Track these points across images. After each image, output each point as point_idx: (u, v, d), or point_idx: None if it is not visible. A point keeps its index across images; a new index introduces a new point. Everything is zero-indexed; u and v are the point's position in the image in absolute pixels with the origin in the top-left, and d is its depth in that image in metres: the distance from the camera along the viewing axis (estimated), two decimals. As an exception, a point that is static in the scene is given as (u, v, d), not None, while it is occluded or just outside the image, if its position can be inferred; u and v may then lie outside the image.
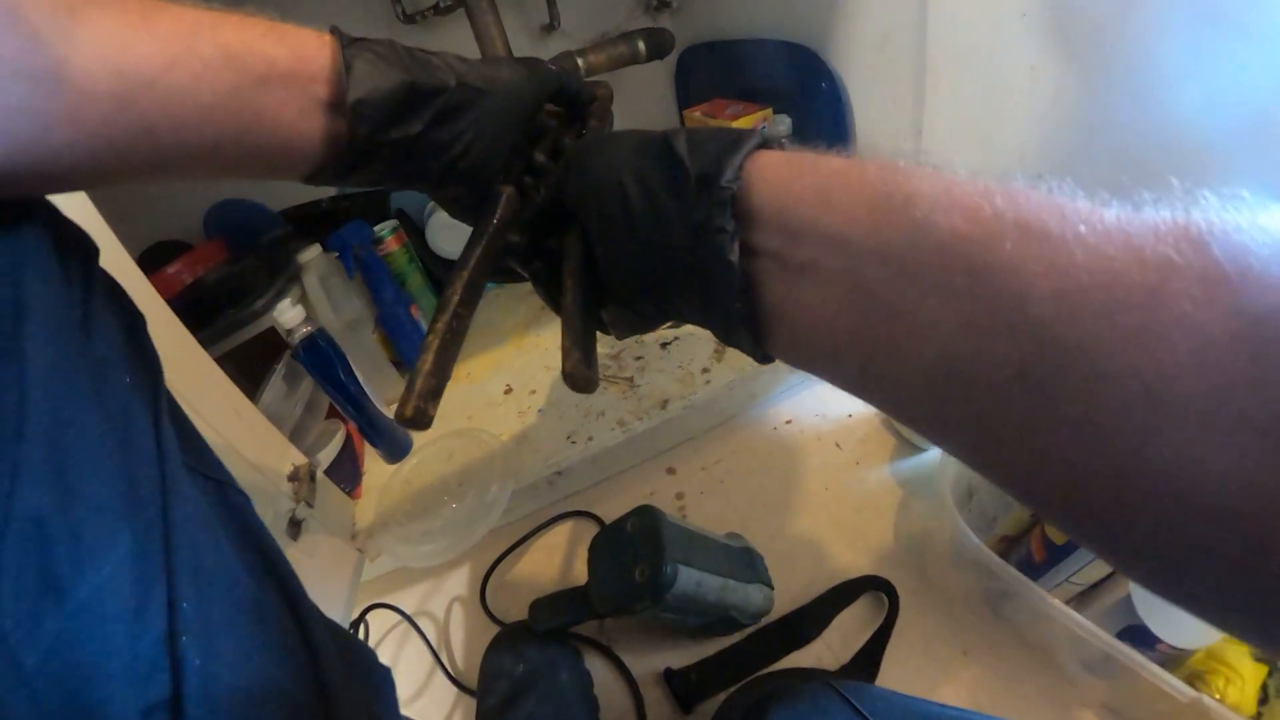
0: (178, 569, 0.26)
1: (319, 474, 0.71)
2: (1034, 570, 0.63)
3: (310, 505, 0.65)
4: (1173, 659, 0.56)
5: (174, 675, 0.24)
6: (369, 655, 0.44)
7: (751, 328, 0.27)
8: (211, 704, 0.25)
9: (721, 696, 0.66)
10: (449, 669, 0.72)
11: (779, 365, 0.86)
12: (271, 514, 0.61)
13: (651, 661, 0.70)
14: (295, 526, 0.62)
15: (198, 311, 0.74)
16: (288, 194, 1.02)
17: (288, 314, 0.71)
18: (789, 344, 0.27)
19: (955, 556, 0.68)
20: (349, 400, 0.77)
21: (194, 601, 0.26)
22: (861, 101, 0.87)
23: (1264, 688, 0.55)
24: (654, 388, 0.90)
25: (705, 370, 0.92)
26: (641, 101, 1.21)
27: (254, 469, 0.60)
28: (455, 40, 1.01)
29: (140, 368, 0.30)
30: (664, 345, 0.97)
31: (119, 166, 0.26)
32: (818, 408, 0.95)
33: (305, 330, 0.72)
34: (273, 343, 0.79)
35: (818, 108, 0.91)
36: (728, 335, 0.29)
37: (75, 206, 0.40)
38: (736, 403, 0.94)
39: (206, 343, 0.66)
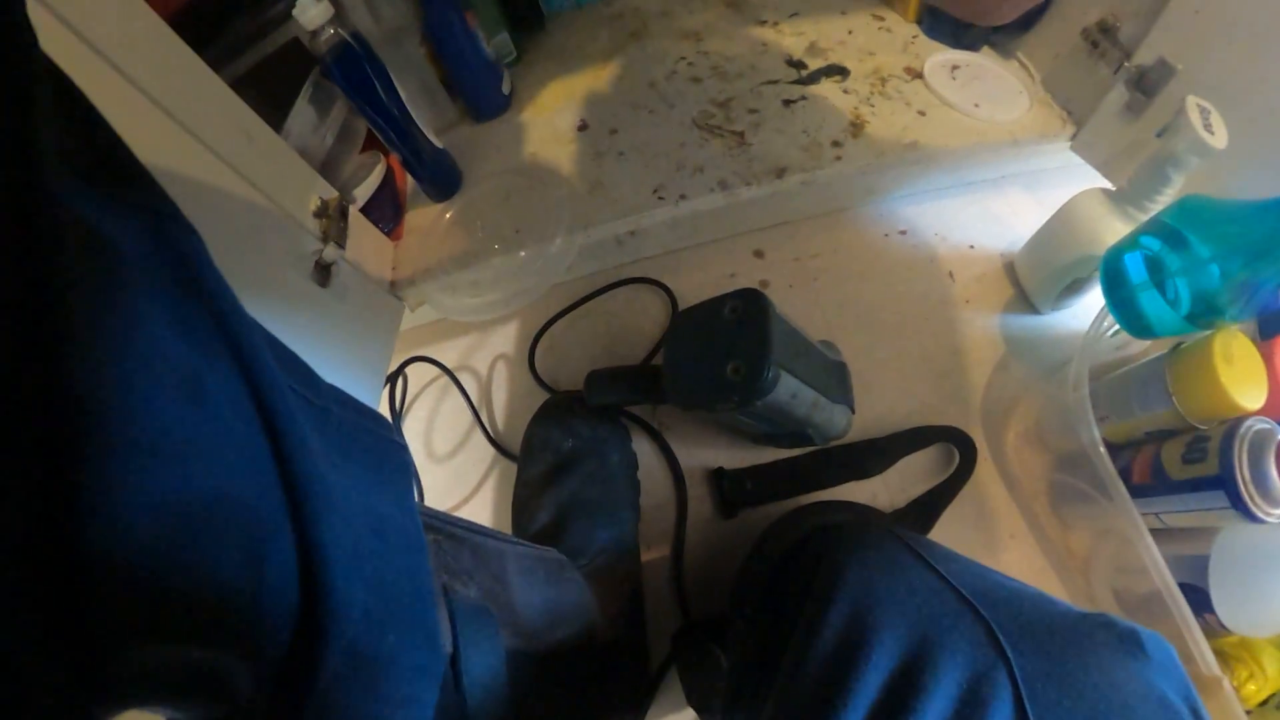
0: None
1: (352, 211, 0.62)
2: (1130, 491, 0.58)
3: (341, 246, 0.58)
4: (1209, 632, 0.55)
5: None
6: (380, 434, 0.38)
7: None
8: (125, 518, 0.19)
9: (766, 509, 0.64)
10: (489, 429, 0.71)
11: (920, 159, 0.77)
12: (294, 255, 0.53)
13: (702, 456, 0.68)
14: (323, 271, 0.55)
15: (208, 22, 0.61)
16: None
17: (310, 12, 0.58)
18: None
19: (1043, 437, 0.65)
20: (390, 124, 0.67)
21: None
22: None
23: (1272, 696, 0.55)
24: (769, 150, 0.77)
25: (836, 144, 0.77)
26: None
27: (270, 202, 0.51)
28: None
29: None
30: (787, 103, 0.82)
31: None
32: (939, 226, 0.84)
33: (334, 35, 0.59)
34: (300, 59, 0.67)
35: None
36: None
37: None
38: (853, 193, 0.83)
39: (219, 62, 0.55)
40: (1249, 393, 0.52)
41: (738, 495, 0.64)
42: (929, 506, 0.64)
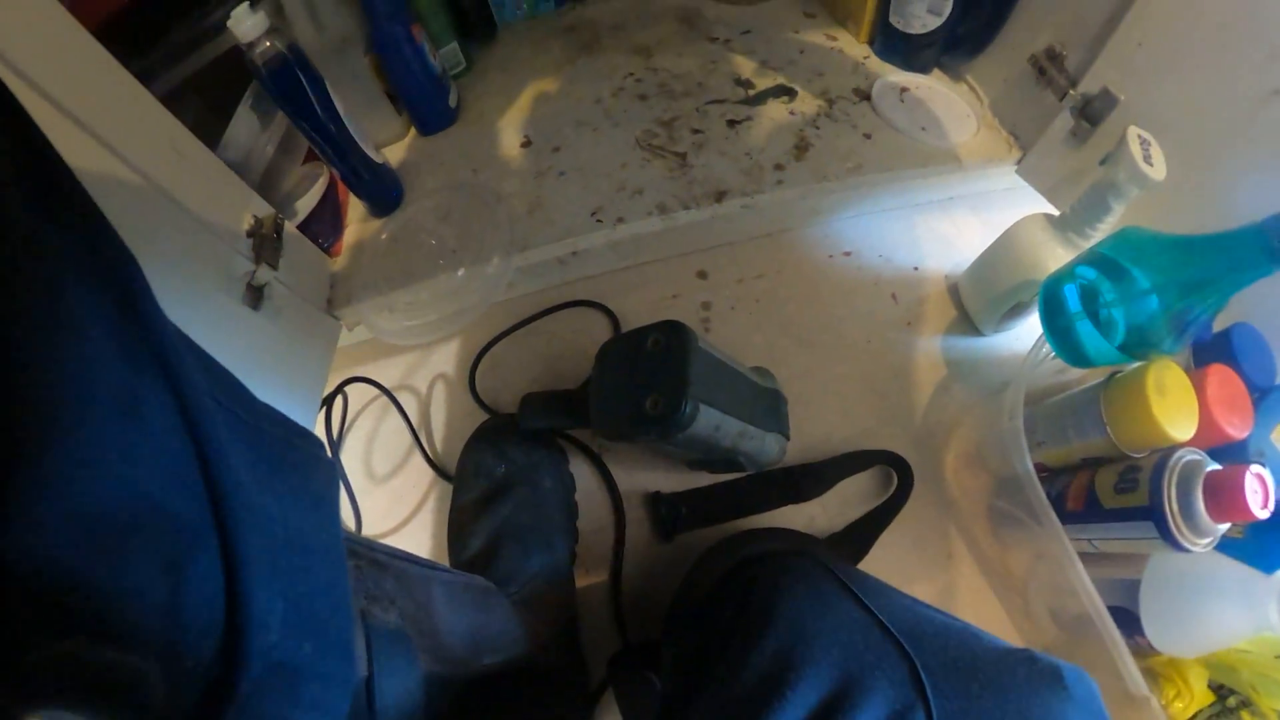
0: None
1: (288, 228, 0.63)
2: (1061, 516, 0.61)
3: (274, 267, 0.59)
4: (1139, 652, 0.58)
5: None
6: (309, 452, 0.40)
7: None
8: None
9: (704, 533, 0.66)
10: (428, 451, 0.72)
11: (863, 183, 0.79)
12: (224, 278, 0.54)
13: (641, 479, 0.69)
14: (255, 293, 0.56)
15: (142, 31, 0.62)
16: None
17: (245, 23, 0.58)
18: None
19: (980, 461, 0.67)
20: (326, 139, 0.68)
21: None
22: None
23: (1198, 713, 0.58)
24: (711, 172, 0.79)
25: (779, 167, 0.80)
26: None
27: (201, 225, 0.52)
28: None
29: None
30: (732, 124, 0.85)
31: None
32: (884, 248, 0.87)
33: (270, 46, 0.60)
34: (242, 68, 0.67)
35: None
36: None
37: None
38: (798, 214, 0.85)
39: (154, 70, 0.57)
40: (1180, 424, 0.55)
41: (675, 519, 0.65)
42: (866, 530, 0.66)
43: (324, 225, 0.74)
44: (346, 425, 0.74)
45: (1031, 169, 0.81)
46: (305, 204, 0.71)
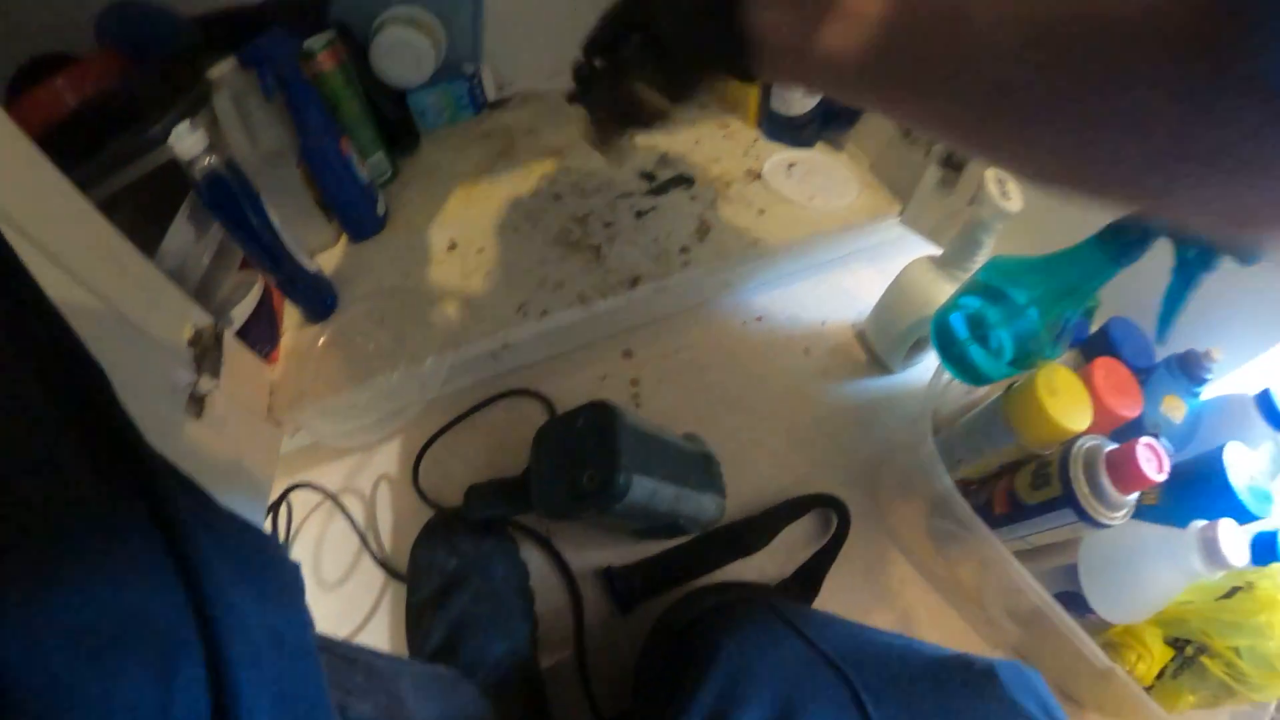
0: None
1: (227, 337, 0.65)
2: (990, 522, 0.64)
3: (215, 376, 0.61)
4: (1095, 627, 0.61)
5: None
6: (272, 553, 0.41)
7: None
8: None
9: (662, 599, 0.67)
10: (376, 553, 0.72)
11: (762, 254, 0.84)
12: (168, 388, 0.56)
13: (591, 557, 0.71)
14: (198, 403, 0.58)
15: (83, 140, 0.64)
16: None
17: (185, 141, 0.62)
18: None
19: (910, 487, 0.70)
20: (262, 250, 0.71)
21: None
22: None
23: (1164, 669, 0.61)
24: (623, 262, 0.85)
25: (684, 250, 0.86)
26: None
27: (143, 336, 0.54)
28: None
29: None
30: (640, 215, 0.91)
31: None
32: (792, 309, 0.93)
33: (208, 162, 0.64)
34: (179, 178, 0.69)
35: None
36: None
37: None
38: (709, 289, 0.91)
39: (93, 178, 0.58)
40: (1076, 416, 0.59)
41: (630, 591, 0.67)
42: (812, 572, 0.69)
43: (261, 332, 0.76)
44: (293, 532, 0.74)
45: (913, 218, 0.90)
46: (241, 311, 0.73)
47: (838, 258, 0.97)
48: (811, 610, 0.54)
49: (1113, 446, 0.58)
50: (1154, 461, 0.55)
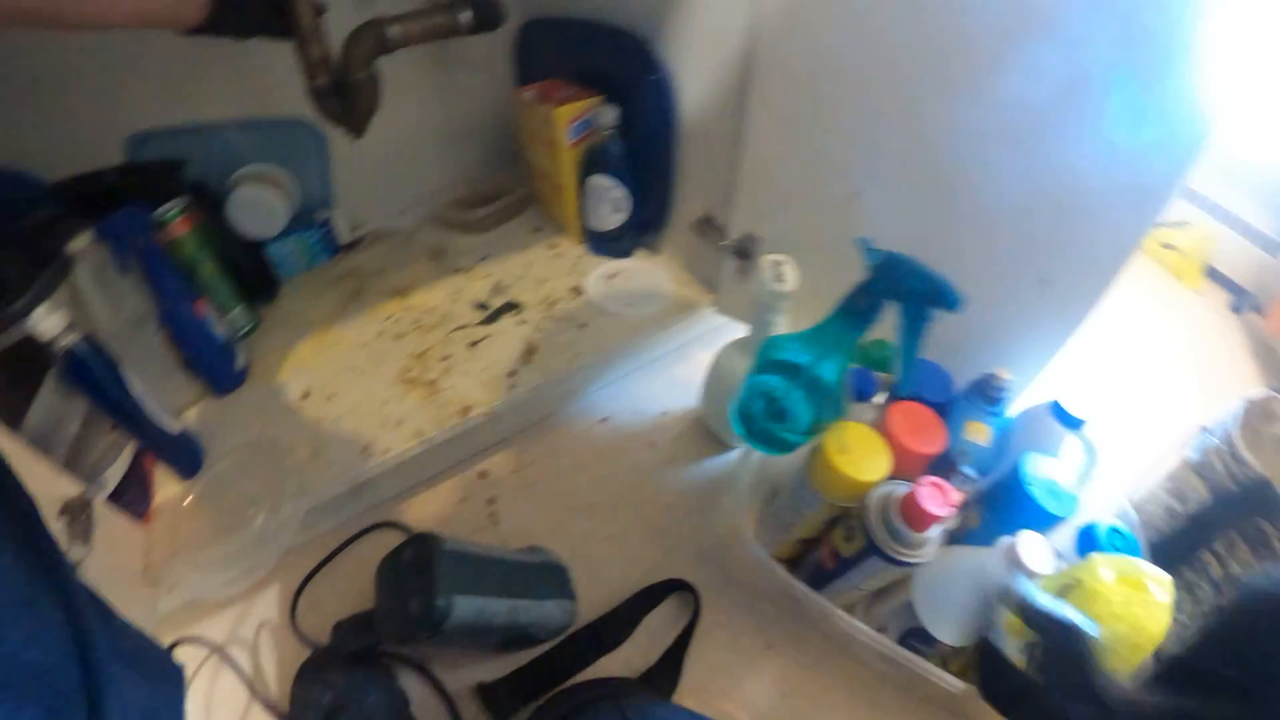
0: None
1: (96, 505, 0.68)
2: (826, 576, 0.69)
3: (86, 543, 0.64)
4: (952, 651, 0.65)
5: None
6: (161, 656, 0.50)
7: None
8: None
9: (534, 706, 0.70)
10: (266, 699, 0.73)
11: (583, 367, 0.95)
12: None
13: (464, 675, 0.73)
14: (72, 570, 0.62)
15: None
16: (61, 161, 0.87)
17: (44, 323, 0.66)
18: None
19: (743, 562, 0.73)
20: (126, 418, 0.74)
21: None
22: (689, 98, 0.92)
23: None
24: (456, 393, 0.92)
25: (512, 374, 0.94)
26: (478, 71, 1.18)
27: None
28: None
29: None
30: (473, 345, 0.99)
31: None
32: (635, 404, 1.01)
33: (67, 341, 0.67)
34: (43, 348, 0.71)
35: (647, 98, 0.95)
36: None
37: None
38: (551, 402, 0.98)
39: None
40: (869, 468, 0.62)
41: (504, 704, 0.69)
42: (674, 656, 0.73)
43: (134, 493, 0.79)
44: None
45: (724, 305, 1.02)
46: (113, 474, 0.75)
47: (674, 349, 1.07)
48: (654, 705, 0.61)
49: (904, 490, 0.60)
50: (938, 497, 0.57)
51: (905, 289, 0.58)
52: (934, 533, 0.60)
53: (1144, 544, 0.70)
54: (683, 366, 1.05)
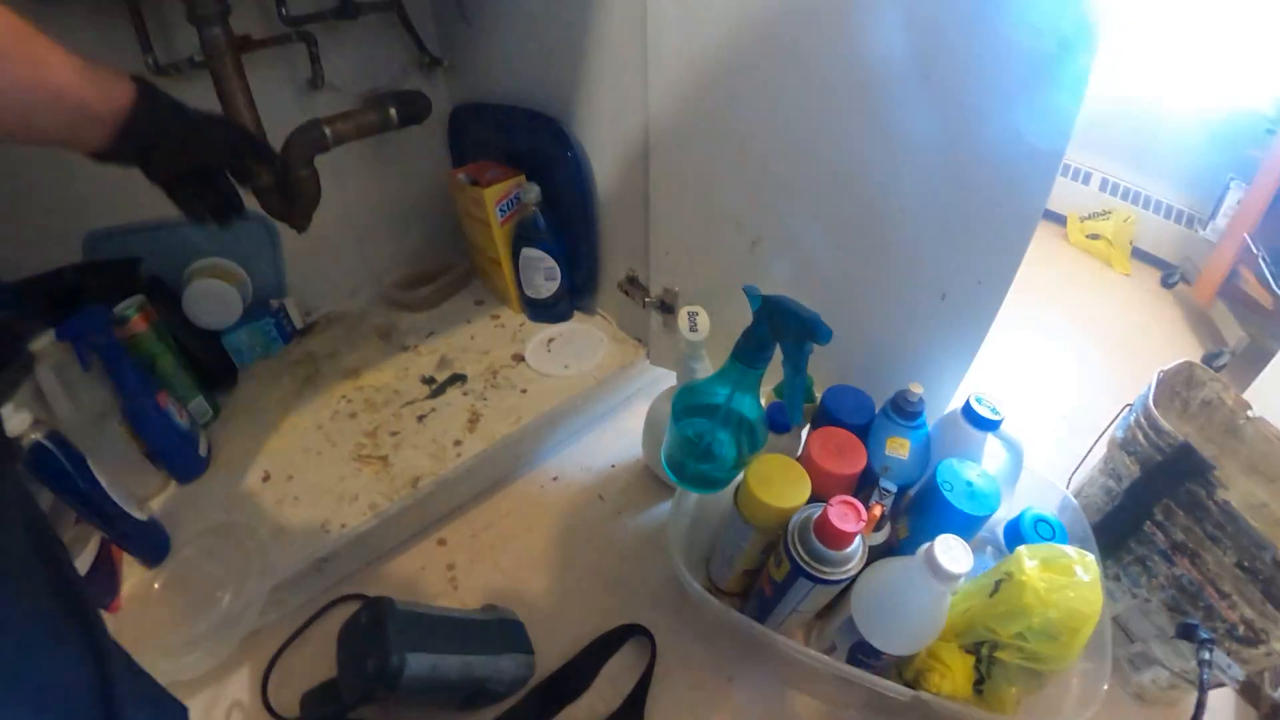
0: None
1: None
2: (769, 602, 0.71)
3: None
4: (902, 660, 0.68)
5: None
6: (165, 695, 0.54)
7: None
8: None
9: None
10: None
11: (525, 431, 1.01)
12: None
13: None
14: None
15: None
16: (21, 259, 0.91)
17: (11, 420, 0.68)
18: None
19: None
20: (92, 510, 0.76)
21: None
22: (601, 170, 1.01)
23: (978, 670, 0.65)
24: (407, 465, 0.96)
25: (458, 443, 0.98)
26: (416, 157, 1.25)
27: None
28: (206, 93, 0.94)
29: None
30: (421, 418, 1.04)
31: None
32: (584, 460, 1.06)
33: (33, 437, 0.70)
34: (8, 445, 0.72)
35: (565, 175, 1.04)
36: None
37: None
38: (502, 465, 1.03)
39: None
40: (789, 494, 0.65)
41: None
42: (636, 699, 0.75)
43: (102, 583, 0.80)
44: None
45: (656, 357, 1.09)
46: (81, 565, 0.76)
47: (619, 401, 1.12)
48: None
49: (817, 513, 0.62)
50: (849, 514, 0.60)
51: (783, 327, 0.62)
52: (853, 548, 0.62)
53: (1088, 527, 0.74)
54: (628, 419, 1.11)
